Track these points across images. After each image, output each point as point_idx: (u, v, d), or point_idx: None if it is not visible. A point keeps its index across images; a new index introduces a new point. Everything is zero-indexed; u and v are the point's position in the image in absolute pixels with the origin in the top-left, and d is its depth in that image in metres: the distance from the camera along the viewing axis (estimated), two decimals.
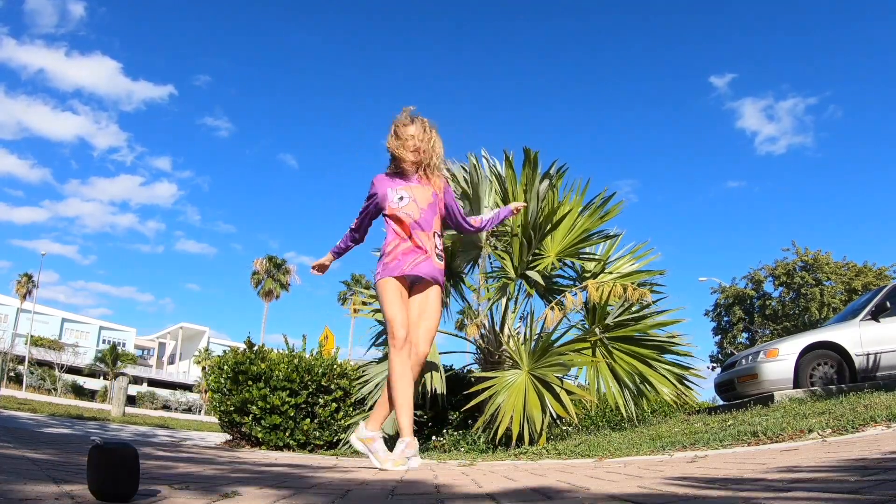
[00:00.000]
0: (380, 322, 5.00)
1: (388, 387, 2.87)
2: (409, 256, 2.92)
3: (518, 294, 5.10)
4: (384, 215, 3.06)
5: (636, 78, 78.01)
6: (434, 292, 2.97)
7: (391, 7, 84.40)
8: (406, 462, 2.63)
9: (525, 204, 3.51)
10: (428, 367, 4.45)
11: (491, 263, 5.02)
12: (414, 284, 2.99)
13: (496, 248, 4.84)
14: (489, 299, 4.86)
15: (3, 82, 70.24)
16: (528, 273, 4.65)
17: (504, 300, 4.93)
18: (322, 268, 3.41)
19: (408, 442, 2.68)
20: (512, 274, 4.73)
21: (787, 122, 65.95)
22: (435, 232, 3.03)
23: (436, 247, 3.00)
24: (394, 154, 3.04)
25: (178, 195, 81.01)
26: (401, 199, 2.98)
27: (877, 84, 56.50)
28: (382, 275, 2.95)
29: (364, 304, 5.30)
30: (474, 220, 3.33)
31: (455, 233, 4.74)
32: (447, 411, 5.01)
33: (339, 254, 3.38)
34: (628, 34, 77.85)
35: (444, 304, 3.96)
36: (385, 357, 5.00)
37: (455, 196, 3.25)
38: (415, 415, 4.97)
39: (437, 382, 4.44)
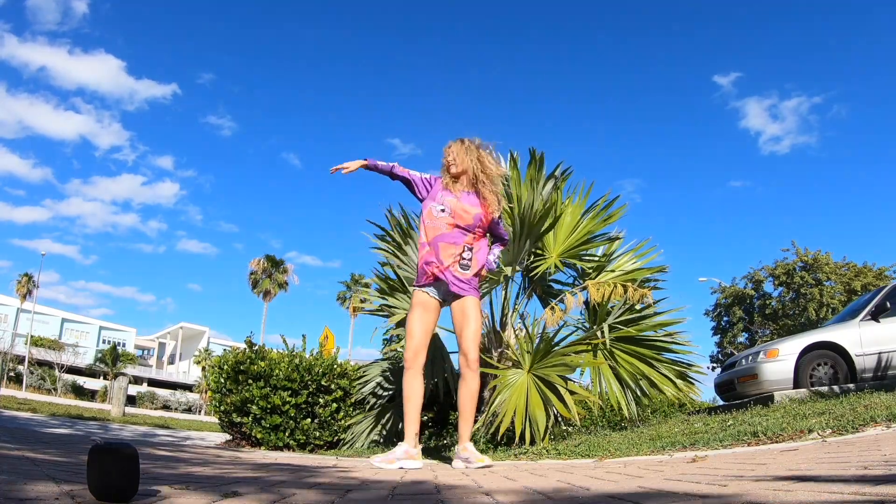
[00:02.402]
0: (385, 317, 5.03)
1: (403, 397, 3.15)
2: (429, 267, 3.16)
3: (519, 294, 5.10)
4: (422, 216, 3.29)
5: (640, 77, 78.08)
6: (467, 302, 3.15)
7: (397, 6, 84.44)
8: (397, 462, 2.83)
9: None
10: (440, 369, 4.45)
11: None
12: (448, 295, 3.20)
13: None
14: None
15: (4, 80, 70.28)
16: (531, 275, 4.64)
17: (502, 299, 4.93)
18: (346, 168, 3.39)
19: (405, 447, 2.94)
20: (505, 269, 4.71)
21: (792, 121, 65.97)
22: (466, 245, 3.18)
23: (461, 257, 3.16)
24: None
25: (180, 195, 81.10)
26: (442, 210, 3.20)
27: (882, 83, 56.51)
28: (415, 282, 3.28)
29: (362, 302, 5.29)
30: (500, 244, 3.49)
31: None
32: (448, 411, 5.01)
33: (373, 168, 3.41)
34: (632, 33, 77.96)
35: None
36: (384, 357, 4.99)
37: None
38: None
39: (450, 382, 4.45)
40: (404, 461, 2.85)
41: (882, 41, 56.96)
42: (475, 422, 4.48)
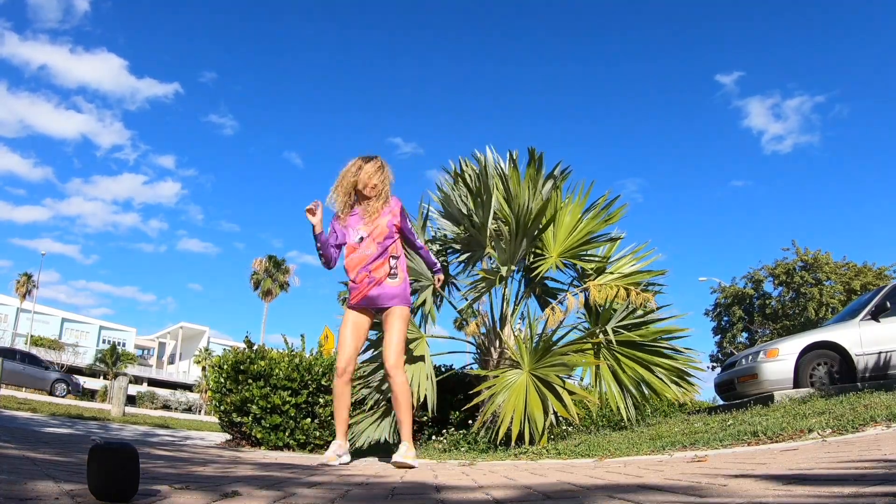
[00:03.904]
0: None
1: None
2: (361, 286, 3.34)
3: (519, 294, 5.10)
4: (344, 255, 3.44)
5: (642, 76, 77.92)
6: (394, 313, 3.33)
7: (401, 4, 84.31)
8: (338, 459, 3.15)
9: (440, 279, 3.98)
10: (417, 373, 4.42)
11: (491, 264, 5.03)
12: (378, 309, 3.39)
13: (494, 247, 4.83)
14: (469, 296, 4.86)
15: (5, 79, 70.08)
16: (529, 273, 4.63)
17: (502, 298, 4.93)
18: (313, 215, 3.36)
19: (339, 444, 3.27)
20: (501, 268, 4.70)
21: (794, 120, 65.73)
22: (391, 256, 3.38)
23: (391, 269, 3.36)
24: (351, 189, 3.40)
25: (182, 194, 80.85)
26: (360, 239, 3.35)
27: (883, 82, 56.30)
28: (347, 303, 3.45)
29: None
30: (421, 245, 3.71)
31: (464, 234, 4.78)
32: (448, 411, 5.01)
33: (319, 239, 3.37)
34: (635, 32, 77.75)
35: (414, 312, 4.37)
36: (374, 360, 4.95)
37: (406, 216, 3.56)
38: (415, 415, 4.97)
39: (426, 390, 4.39)
40: (344, 456, 3.23)
41: (884, 41, 56.82)
42: (476, 421, 4.49)
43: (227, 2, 79.19)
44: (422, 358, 4.43)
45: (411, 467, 2.94)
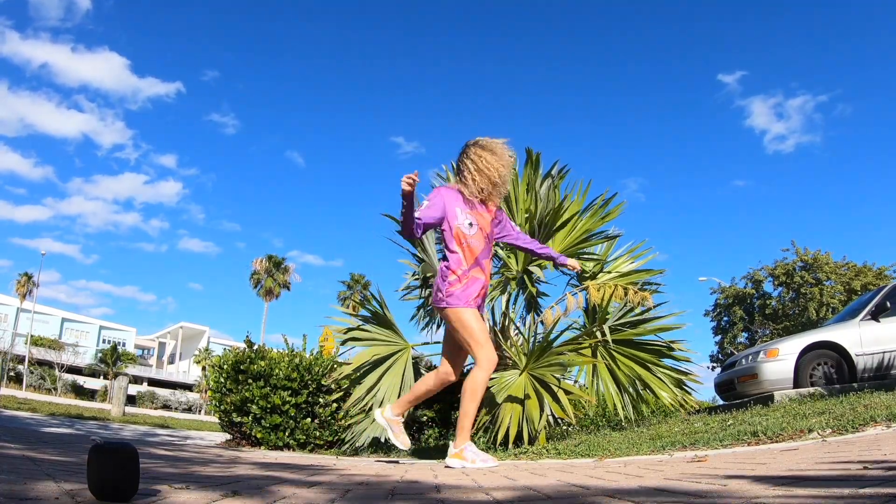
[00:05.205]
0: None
1: (466, 396, 3.12)
2: (475, 286, 3.08)
3: (518, 294, 5.09)
4: (451, 236, 3.09)
5: (645, 76, 78.00)
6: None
7: (402, 4, 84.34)
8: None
9: (579, 267, 3.77)
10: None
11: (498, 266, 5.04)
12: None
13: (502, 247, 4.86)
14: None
15: (6, 78, 70.13)
16: (530, 268, 4.64)
17: (504, 300, 4.93)
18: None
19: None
20: (514, 272, 4.72)
21: (796, 120, 65.94)
22: (491, 258, 3.24)
23: (491, 274, 3.25)
24: (476, 176, 3.10)
25: (183, 193, 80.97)
26: (470, 225, 3.09)
27: (885, 82, 56.41)
28: (461, 303, 3.04)
29: (362, 304, 5.28)
30: (534, 243, 3.53)
31: None
32: (448, 412, 5.01)
33: (409, 203, 2.95)
34: (636, 31, 77.88)
35: None
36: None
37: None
38: (416, 415, 4.99)
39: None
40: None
41: (887, 40, 56.83)
42: (475, 422, 4.49)
43: (229, 1, 79.30)
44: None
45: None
